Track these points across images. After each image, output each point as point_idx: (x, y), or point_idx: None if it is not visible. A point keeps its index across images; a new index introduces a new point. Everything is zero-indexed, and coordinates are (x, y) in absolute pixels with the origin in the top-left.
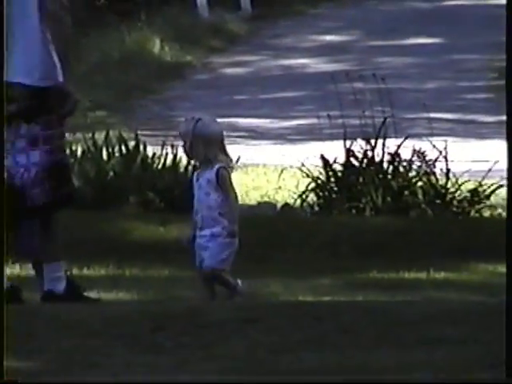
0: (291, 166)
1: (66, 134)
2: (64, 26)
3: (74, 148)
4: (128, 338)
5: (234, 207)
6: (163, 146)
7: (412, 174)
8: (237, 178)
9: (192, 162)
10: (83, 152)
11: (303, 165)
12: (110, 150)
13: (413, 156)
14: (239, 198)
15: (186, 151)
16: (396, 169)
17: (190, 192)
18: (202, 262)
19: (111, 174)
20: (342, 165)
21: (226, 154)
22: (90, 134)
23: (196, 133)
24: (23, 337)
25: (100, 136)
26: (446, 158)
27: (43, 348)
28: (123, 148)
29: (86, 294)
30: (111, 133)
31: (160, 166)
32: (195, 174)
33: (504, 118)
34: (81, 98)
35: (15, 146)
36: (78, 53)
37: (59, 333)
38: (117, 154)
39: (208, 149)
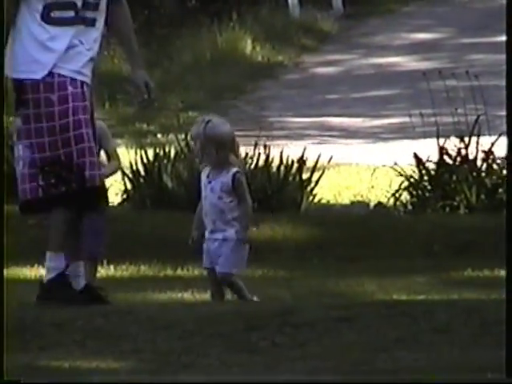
0: (384, 165)
1: (159, 135)
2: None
3: (167, 149)
4: (222, 338)
5: (248, 213)
6: (255, 145)
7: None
8: (329, 178)
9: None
10: (176, 153)
11: (396, 163)
12: None
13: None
14: (332, 197)
15: (196, 153)
16: (490, 166)
17: (197, 191)
18: (212, 264)
19: None
20: (436, 163)
21: (237, 156)
22: (183, 135)
23: (207, 134)
24: (117, 338)
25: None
26: None
27: (139, 349)
28: None
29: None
30: None
31: (252, 166)
32: (204, 174)
33: None
34: (174, 98)
35: (14, 138)
36: (171, 53)
37: (154, 333)
38: None
39: (219, 150)
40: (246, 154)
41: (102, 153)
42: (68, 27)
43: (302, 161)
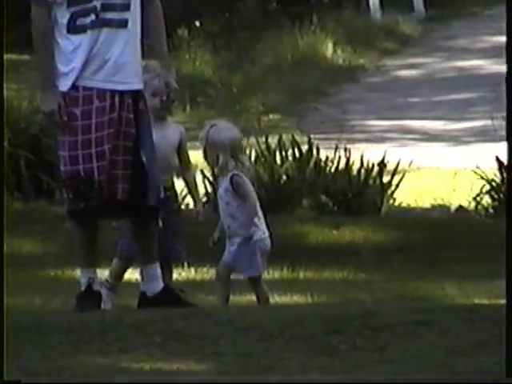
0: (465, 168)
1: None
2: None
3: (247, 152)
4: (303, 341)
5: (252, 212)
6: (336, 149)
7: None
8: (409, 181)
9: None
10: (257, 156)
11: (478, 167)
12: (284, 153)
13: None
14: (412, 200)
15: (203, 157)
16: None
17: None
18: (229, 266)
19: (284, 177)
20: None
21: (240, 161)
22: (264, 138)
23: (209, 139)
24: (198, 340)
25: (273, 140)
26: None
27: (219, 351)
28: (296, 151)
29: (183, 297)
30: (284, 136)
31: (333, 170)
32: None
33: None
34: (255, 101)
35: None
36: (252, 56)
37: (234, 336)
38: (290, 158)
39: (219, 155)
40: (327, 157)
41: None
42: (89, 33)
43: (382, 164)
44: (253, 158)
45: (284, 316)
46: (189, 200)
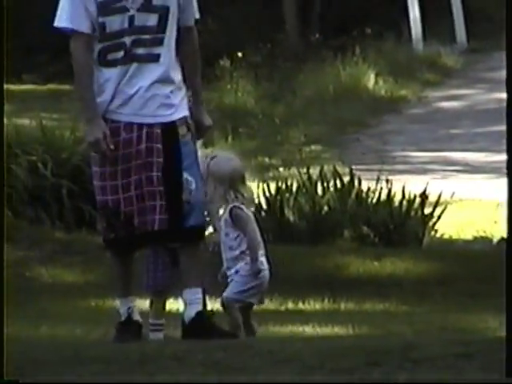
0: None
1: (281, 169)
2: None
3: (289, 183)
4: (343, 373)
5: (253, 246)
6: (378, 180)
7: None
8: (451, 213)
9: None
10: (298, 187)
11: None
12: (325, 184)
13: None
14: (454, 232)
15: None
16: None
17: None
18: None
19: (326, 208)
20: None
21: (241, 192)
22: (305, 169)
23: (209, 171)
24: (237, 371)
25: (315, 171)
26: None
27: (258, 383)
28: (338, 182)
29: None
30: (326, 167)
31: (374, 201)
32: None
33: None
34: (296, 132)
35: None
36: (294, 87)
37: (274, 367)
38: (331, 189)
39: (217, 187)
40: (368, 188)
41: None
42: (119, 68)
43: (424, 195)
44: (294, 189)
45: (325, 348)
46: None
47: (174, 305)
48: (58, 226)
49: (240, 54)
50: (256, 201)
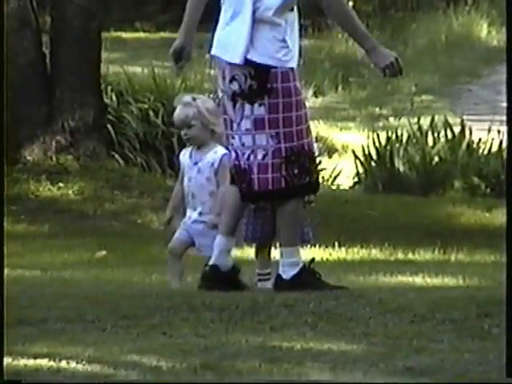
0: None
1: (391, 119)
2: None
3: (399, 133)
4: (454, 324)
5: (222, 199)
6: (489, 130)
7: None
8: None
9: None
10: (408, 137)
11: None
12: (436, 135)
13: None
14: None
15: (188, 137)
16: None
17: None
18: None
19: (436, 159)
20: None
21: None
22: (416, 119)
23: (200, 109)
24: (348, 321)
25: (425, 121)
26: None
27: (369, 332)
28: (449, 133)
29: (324, 280)
30: (436, 118)
31: (486, 151)
32: (185, 156)
33: None
34: (407, 82)
35: (240, 127)
36: (406, 37)
37: (385, 317)
38: (442, 139)
39: (204, 128)
40: (479, 139)
41: None
42: None
43: None
44: (404, 139)
45: (435, 298)
46: (339, 180)
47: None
48: (168, 173)
49: (351, 3)
50: (366, 151)
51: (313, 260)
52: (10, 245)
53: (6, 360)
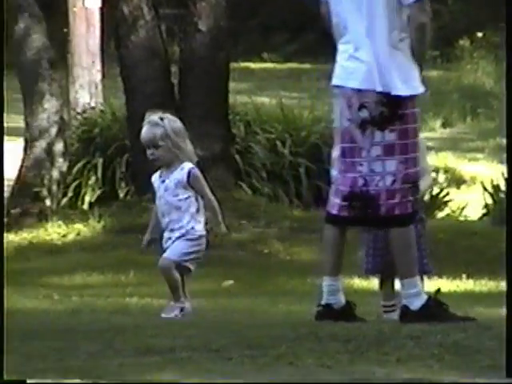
0: None
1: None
2: (427, 37)
3: None
4: None
5: (216, 207)
6: None
7: None
8: None
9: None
10: None
11: None
12: None
13: None
14: None
15: (152, 156)
16: None
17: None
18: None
19: None
20: None
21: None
22: None
23: (172, 128)
24: (475, 353)
25: None
26: None
27: (496, 364)
28: None
29: (451, 311)
30: None
31: None
32: (157, 174)
33: None
34: None
35: (370, 154)
36: None
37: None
38: None
39: (174, 147)
40: None
41: None
42: None
43: None
44: None
45: None
46: (467, 212)
47: None
48: (295, 203)
49: (480, 34)
50: (494, 182)
51: (438, 290)
52: (139, 274)
53: None
